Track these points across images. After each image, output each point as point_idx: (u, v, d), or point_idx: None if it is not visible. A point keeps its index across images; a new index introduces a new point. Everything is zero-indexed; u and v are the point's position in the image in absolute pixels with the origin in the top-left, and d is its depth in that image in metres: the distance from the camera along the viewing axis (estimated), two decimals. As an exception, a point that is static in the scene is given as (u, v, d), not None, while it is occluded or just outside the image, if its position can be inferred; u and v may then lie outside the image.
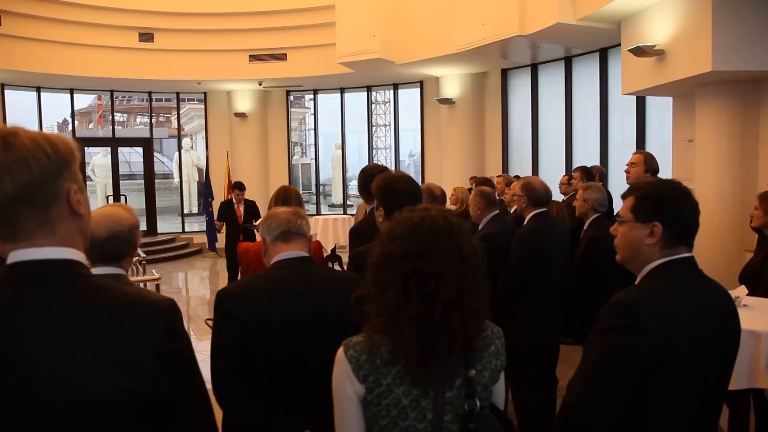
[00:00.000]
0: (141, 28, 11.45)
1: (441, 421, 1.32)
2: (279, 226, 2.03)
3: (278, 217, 2.06)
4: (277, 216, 2.06)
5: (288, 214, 2.07)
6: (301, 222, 2.06)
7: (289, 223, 2.03)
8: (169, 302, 1.13)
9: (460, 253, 1.33)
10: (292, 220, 2.04)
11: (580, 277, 4.07)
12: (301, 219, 2.08)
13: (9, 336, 1.01)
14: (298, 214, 2.08)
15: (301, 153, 19.16)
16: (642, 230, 1.58)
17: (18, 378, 1.00)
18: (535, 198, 3.69)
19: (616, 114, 8.91)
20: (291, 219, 2.04)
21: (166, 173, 20.13)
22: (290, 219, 2.04)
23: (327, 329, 1.86)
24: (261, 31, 11.62)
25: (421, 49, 9.97)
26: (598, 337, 1.49)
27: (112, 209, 1.97)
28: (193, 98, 14.82)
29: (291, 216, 2.06)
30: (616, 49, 8.24)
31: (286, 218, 2.04)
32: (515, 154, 11.01)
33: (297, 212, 2.10)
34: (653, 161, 4.25)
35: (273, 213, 2.10)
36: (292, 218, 2.05)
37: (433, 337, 1.29)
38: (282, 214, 2.06)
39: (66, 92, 12.47)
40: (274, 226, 2.04)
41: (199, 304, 8.64)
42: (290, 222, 2.03)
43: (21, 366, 1.01)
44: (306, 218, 2.12)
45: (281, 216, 2.05)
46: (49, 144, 1.07)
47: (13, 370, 1.00)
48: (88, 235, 1.19)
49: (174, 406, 1.09)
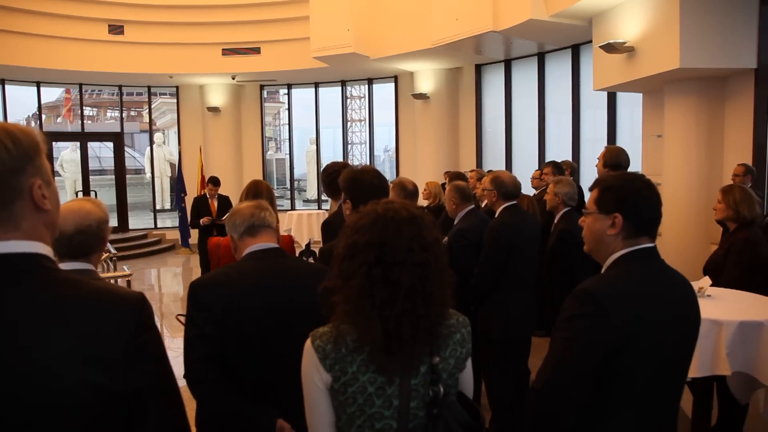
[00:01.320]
0: (110, 20, 11.23)
1: (407, 408, 1.35)
2: (244, 221, 2.06)
3: (242, 213, 2.08)
4: (240, 212, 2.09)
5: (251, 208, 2.09)
6: (264, 214, 2.09)
7: (253, 217, 2.06)
8: (138, 296, 1.12)
9: (422, 242, 1.36)
10: (256, 214, 2.07)
11: (550, 269, 4.14)
12: (264, 211, 2.10)
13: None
14: (260, 207, 2.10)
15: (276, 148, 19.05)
16: (604, 221, 1.62)
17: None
18: (504, 191, 3.73)
19: (588, 110, 9.05)
20: (254, 213, 2.07)
21: (138, 168, 19.85)
22: (254, 213, 2.07)
23: (298, 318, 1.89)
24: (234, 25, 11.50)
25: (396, 44, 9.98)
26: (563, 325, 1.54)
27: (80, 203, 1.94)
28: (165, 92, 14.63)
29: (254, 210, 2.08)
30: (587, 45, 8.37)
31: (250, 213, 2.07)
32: (489, 149, 11.11)
33: (259, 205, 2.12)
34: (613, 156, 4.28)
35: (236, 210, 2.12)
36: (255, 212, 2.07)
37: (397, 323, 1.32)
38: (245, 210, 2.09)
39: (32, 85, 12.18)
40: (239, 222, 2.06)
41: (172, 301, 8.54)
42: (254, 216, 2.06)
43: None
44: (270, 209, 2.14)
45: (245, 211, 2.08)
46: (10, 138, 1.04)
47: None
48: (56, 229, 1.16)
49: (144, 401, 1.07)
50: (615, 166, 4.18)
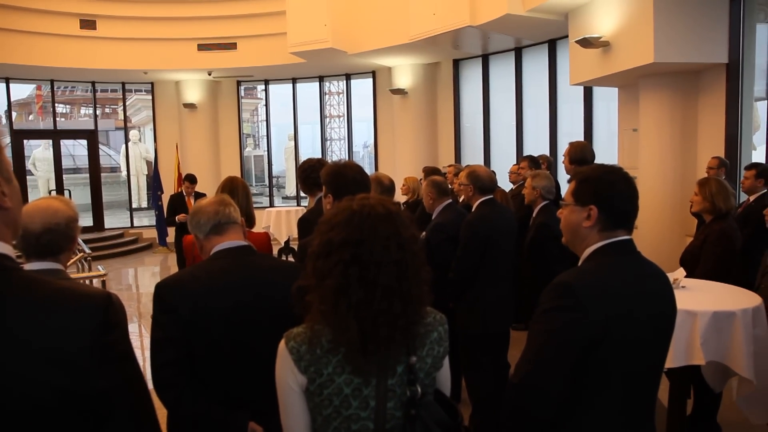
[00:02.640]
0: (82, 15, 11.01)
1: (384, 409, 1.33)
2: (209, 220, 1.98)
3: (205, 211, 1.99)
4: (204, 211, 2.00)
5: (214, 205, 2.01)
6: (229, 210, 2.01)
7: (218, 215, 1.98)
8: (103, 295, 1.09)
9: (399, 240, 1.34)
10: (221, 211, 1.99)
11: (528, 263, 4.15)
12: (228, 207, 2.02)
13: None
14: (224, 203, 2.03)
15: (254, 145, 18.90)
16: (580, 213, 1.62)
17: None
18: (480, 186, 3.74)
19: (565, 104, 9.12)
20: (219, 210, 1.99)
21: (113, 166, 19.54)
22: (218, 210, 1.99)
23: (270, 318, 1.85)
24: (210, 20, 11.35)
25: (373, 39, 9.94)
26: (540, 318, 1.53)
27: (48, 201, 1.89)
28: (140, 89, 14.40)
29: (218, 207, 2.00)
30: (564, 40, 8.42)
31: (214, 210, 1.99)
32: (467, 144, 11.14)
33: (222, 201, 2.04)
34: (578, 152, 4.30)
35: (198, 208, 2.02)
36: (219, 209, 1.99)
37: (374, 323, 1.29)
38: (208, 207, 2.00)
39: (1, 81, 11.89)
40: (203, 221, 1.98)
41: (150, 300, 8.42)
42: (219, 213, 1.98)
43: None
44: (234, 204, 2.06)
45: (208, 209, 1.99)
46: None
47: None
48: (19, 228, 1.13)
49: (110, 402, 1.05)
50: (580, 161, 4.21)
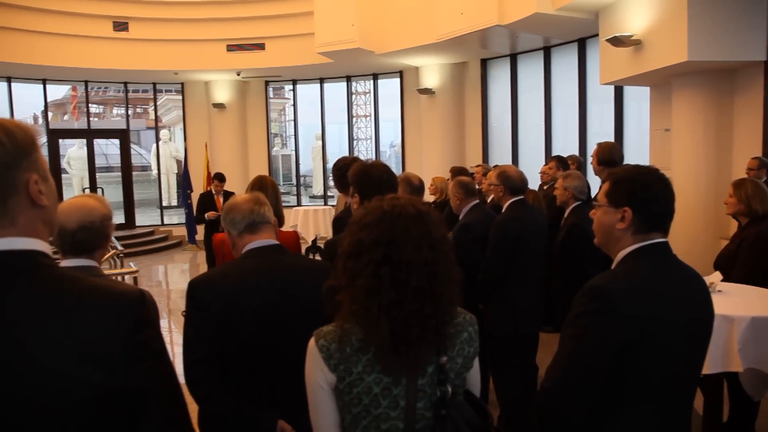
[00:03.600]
0: (115, 17, 11.23)
1: (414, 409, 1.32)
2: (243, 218, 1.98)
3: (240, 209, 2.00)
4: (238, 209, 2.01)
5: (249, 204, 2.01)
6: (263, 209, 2.02)
7: (253, 214, 1.99)
8: (137, 292, 1.09)
9: (430, 240, 1.33)
10: (255, 210, 2.00)
11: (559, 264, 4.09)
12: (263, 206, 2.02)
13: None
14: (258, 202, 2.03)
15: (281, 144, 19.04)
16: (614, 215, 1.59)
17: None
18: (511, 186, 3.70)
19: (595, 104, 8.98)
20: (254, 209, 2.00)
21: (144, 165, 19.86)
22: (253, 209, 1.99)
23: (300, 317, 1.85)
24: (239, 21, 11.48)
25: (401, 38, 9.93)
26: (573, 322, 1.51)
27: (83, 200, 1.93)
28: (170, 89, 14.63)
29: (253, 206, 2.00)
30: (594, 39, 8.30)
31: (249, 209, 1.99)
32: (495, 144, 11.06)
33: (257, 200, 2.04)
34: (606, 153, 4.22)
35: (233, 206, 2.03)
36: (254, 208, 2.00)
37: (405, 324, 1.29)
38: (243, 206, 2.01)
39: (38, 83, 12.21)
40: (238, 219, 1.99)
41: (180, 297, 8.55)
42: (253, 212, 1.99)
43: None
44: (268, 204, 2.07)
45: (243, 208, 2.00)
46: (6, 133, 1.02)
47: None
48: (54, 225, 1.15)
49: (144, 399, 1.06)
50: (608, 162, 4.13)
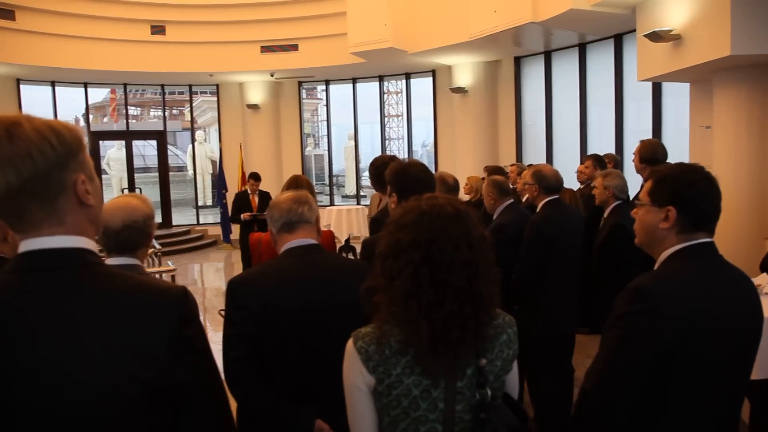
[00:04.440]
0: (153, 21, 11.48)
1: (453, 411, 1.31)
2: (281, 216, 1.99)
3: (279, 207, 2.01)
4: (278, 206, 2.02)
5: (289, 202, 2.01)
6: (302, 209, 2.01)
7: (290, 213, 1.99)
8: (180, 290, 1.11)
9: (469, 239, 1.31)
10: (293, 209, 1.99)
11: (599, 265, 4.00)
12: (303, 205, 2.02)
13: (20, 325, 1.01)
14: (299, 201, 2.02)
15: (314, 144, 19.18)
16: (657, 214, 1.55)
17: (30, 368, 1.00)
18: (546, 185, 3.66)
19: (632, 101, 8.79)
20: (292, 208, 1.99)
21: (180, 166, 20.24)
22: (291, 208, 1.99)
23: (337, 316, 1.85)
24: (272, 22, 11.61)
25: (433, 37, 9.89)
26: (616, 323, 1.47)
27: (127, 199, 1.97)
28: (205, 90, 14.88)
29: (292, 205, 2.00)
30: (631, 34, 8.12)
31: (287, 208, 1.99)
32: (529, 143, 10.92)
33: (298, 199, 2.03)
34: (649, 150, 4.12)
35: (275, 203, 2.04)
36: (293, 207, 2.00)
37: (445, 325, 1.27)
38: (283, 204, 2.01)
39: (80, 86, 12.57)
40: (276, 216, 2.00)
41: (215, 296, 8.70)
42: (291, 211, 1.99)
43: (32, 356, 1.00)
44: (309, 203, 2.05)
45: (282, 206, 2.01)
46: (55, 134, 1.04)
47: (24, 359, 1.00)
48: (100, 224, 1.17)
49: (187, 394, 1.07)
50: (651, 160, 4.03)
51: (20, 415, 0.99)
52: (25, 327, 1.01)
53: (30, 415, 1.00)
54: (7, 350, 1.00)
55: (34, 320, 1.01)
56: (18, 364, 1.00)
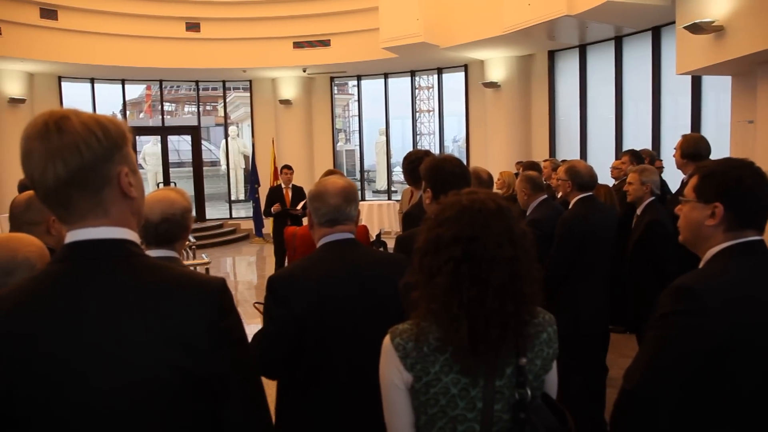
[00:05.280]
0: (188, 18, 11.66)
1: (491, 411, 1.28)
2: (328, 212, 1.94)
3: (327, 203, 1.94)
4: (326, 201, 1.95)
5: (338, 199, 1.95)
6: (350, 208, 1.97)
7: (338, 212, 1.94)
8: (219, 281, 1.13)
9: (511, 236, 1.28)
10: (342, 208, 1.95)
11: (634, 263, 3.92)
12: (350, 204, 1.97)
13: (65, 314, 1.04)
14: (348, 199, 1.97)
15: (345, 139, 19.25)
16: (703, 211, 1.49)
17: (73, 355, 1.02)
18: (579, 182, 3.60)
19: (670, 95, 8.58)
20: (340, 207, 1.94)
21: (214, 161, 20.55)
22: (339, 207, 1.94)
23: (376, 310, 1.83)
24: (304, 18, 11.67)
25: (466, 32, 9.81)
26: (659, 322, 1.42)
27: (165, 193, 2.00)
28: (238, 86, 15.07)
29: (341, 203, 1.95)
30: (670, 27, 7.92)
31: (336, 206, 1.94)
32: (563, 138, 10.76)
33: (347, 197, 1.98)
34: (692, 145, 3.99)
35: (323, 194, 1.96)
36: (342, 206, 1.95)
37: (485, 323, 1.25)
38: (331, 200, 1.95)
39: (118, 83, 12.84)
40: (323, 212, 1.95)
41: (247, 289, 8.82)
42: (339, 210, 1.94)
43: (76, 343, 1.03)
44: (357, 199, 2.01)
45: (330, 202, 1.94)
46: (101, 128, 1.07)
47: (69, 347, 1.02)
48: (142, 216, 1.20)
49: (226, 385, 1.09)
50: (694, 155, 3.91)
51: (62, 401, 1.02)
52: (69, 315, 1.04)
53: (71, 401, 1.02)
54: (52, 338, 1.03)
55: (79, 309, 1.04)
56: (62, 351, 1.02)
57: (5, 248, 1.58)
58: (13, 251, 1.58)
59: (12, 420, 1.03)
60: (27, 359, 1.02)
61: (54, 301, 1.05)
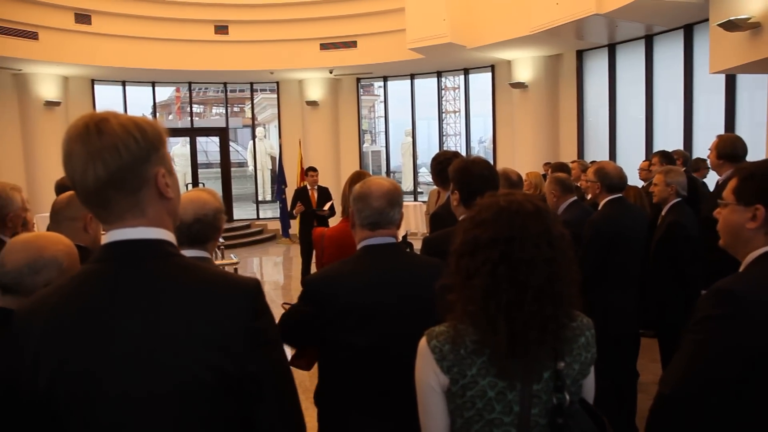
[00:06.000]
0: (216, 21, 11.81)
1: (528, 415, 1.27)
2: (371, 215, 1.91)
3: (371, 206, 1.91)
4: (370, 204, 1.91)
5: (382, 202, 1.91)
6: (393, 212, 1.93)
7: (381, 215, 1.91)
8: (254, 282, 1.14)
9: (549, 237, 1.27)
10: (386, 212, 1.91)
11: (655, 264, 3.85)
12: (394, 208, 1.94)
13: (103, 312, 1.05)
14: (392, 203, 1.93)
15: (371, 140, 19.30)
16: (743, 214, 1.46)
17: (113, 355, 1.04)
18: (609, 183, 3.55)
19: (702, 95, 8.41)
20: (384, 211, 1.91)
21: (241, 162, 20.80)
22: (384, 211, 1.91)
23: (412, 316, 1.79)
24: (331, 20, 11.73)
25: (493, 32, 9.75)
26: (698, 326, 1.39)
27: (198, 193, 2.02)
28: (265, 88, 15.21)
29: (385, 207, 1.91)
30: (703, 24, 7.76)
31: (380, 209, 1.90)
32: (591, 139, 10.62)
33: (391, 200, 1.94)
34: (728, 145, 3.89)
35: (367, 195, 1.92)
36: (386, 210, 1.91)
37: (524, 326, 1.23)
38: (375, 203, 1.91)
39: (148, 85, 13.08)
40: (366, 213, 1.92)
41: (273, 289, 8.88)
42: (382, 214, 1.91)
43: (114, 342, 1.04)
44: (400, 203, 1.98)
45: (374, 205, 1.91)
46: (138, 129, 1.09)
47: (108, 347, 1.04)
48: (178, 216, 1.21)
49: (261, 385, 1.10)
50: (731, 156, 3.81)
51: (100, 400, 1.04)
52: (108, 314, 1.05)
53: (109, 398, 1.04)
54: (91, 337, 1.05)
55: (117, 308, 1.06)
56: (100, 350, 1.04)
57: (33, 247, 1.61)
58: (40, 250, 1.60)
59: (53, 415, 1.05)
60: (67, 357, 1.04)
61: (93, 301, 1.07)
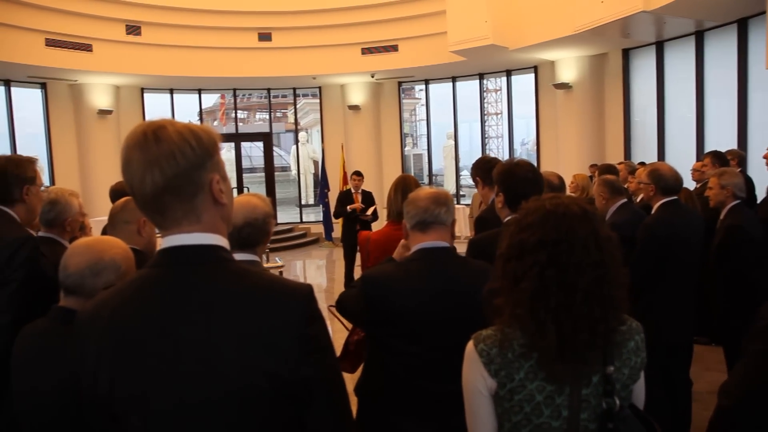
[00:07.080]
0: (260, 29, 12.04)
1: (577, 419, 1.25)
2: (416, 215, 1.94)
3: (416, 205, 1.95)
4: (416, 203, 1.96)
5: (427, 201, 1.95)
6: (440, 210, 1.95)
7: (426, 213, 1.93)
8: (307, 288, 1.14)
9: (597, 240, 1.26)
10: (430, 209, 1.94)
11: (716, 269, 3.72)
12: (440, 207, 1.96)
13: (160, 317, 1.08)
14: (437, 201, 1.96)
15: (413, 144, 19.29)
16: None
17: (169, 359, 1.06)
18: (664, 186, 3.45)
19: (757, 92, 8.08)
20: (429, 208, 1.94)
21: (284, 166, 21.09)
22: (428, 208, 1.94)
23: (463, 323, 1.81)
24: (372, 24, 11.80)
25: (536, 32, 9.62)
26: (760, 335, 1.34)
27: (248, 198, 2.07)
28: (308, 93, 15.38)
29: (429, 204, 1.94)
30: (758, 18, 7.47)
31: (424, 207, 1.94)
32: (638, 140, 10.35)
33: (437, 199, 1.97)
34: None
35: (414, 198, 1.98)
36: (430, 207, 1.94)
37: (573, 329, 1.22)
38: (420, 202, 1.95)
39: (194, 92, 13.42)
40: (412, 214, 1.95)
41: (317, 292, 8.91)
42: (427, 212, 1.93)
43: (170, 346, 1.06)
44: (448, 203, 1.99)
45: (419, 204, 1.95)
46: (194, 136, 1.11)
47: (165, 351, 1.06)
48: (231, 222, 1.23)
49: (312, 391, 1.10)
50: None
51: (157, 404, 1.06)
52: (164, 319, 1.08)
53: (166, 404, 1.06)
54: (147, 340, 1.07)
55: (174, 314, 1.08)
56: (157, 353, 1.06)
57: (93, 250, 1.68)
58: (100, 253, 1.68)
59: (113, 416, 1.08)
60: (126, 362, 1.07)
61: (151, 307, 1.09)
